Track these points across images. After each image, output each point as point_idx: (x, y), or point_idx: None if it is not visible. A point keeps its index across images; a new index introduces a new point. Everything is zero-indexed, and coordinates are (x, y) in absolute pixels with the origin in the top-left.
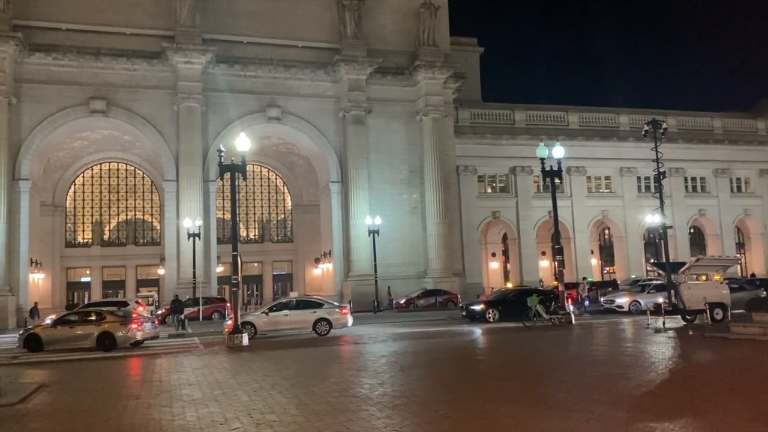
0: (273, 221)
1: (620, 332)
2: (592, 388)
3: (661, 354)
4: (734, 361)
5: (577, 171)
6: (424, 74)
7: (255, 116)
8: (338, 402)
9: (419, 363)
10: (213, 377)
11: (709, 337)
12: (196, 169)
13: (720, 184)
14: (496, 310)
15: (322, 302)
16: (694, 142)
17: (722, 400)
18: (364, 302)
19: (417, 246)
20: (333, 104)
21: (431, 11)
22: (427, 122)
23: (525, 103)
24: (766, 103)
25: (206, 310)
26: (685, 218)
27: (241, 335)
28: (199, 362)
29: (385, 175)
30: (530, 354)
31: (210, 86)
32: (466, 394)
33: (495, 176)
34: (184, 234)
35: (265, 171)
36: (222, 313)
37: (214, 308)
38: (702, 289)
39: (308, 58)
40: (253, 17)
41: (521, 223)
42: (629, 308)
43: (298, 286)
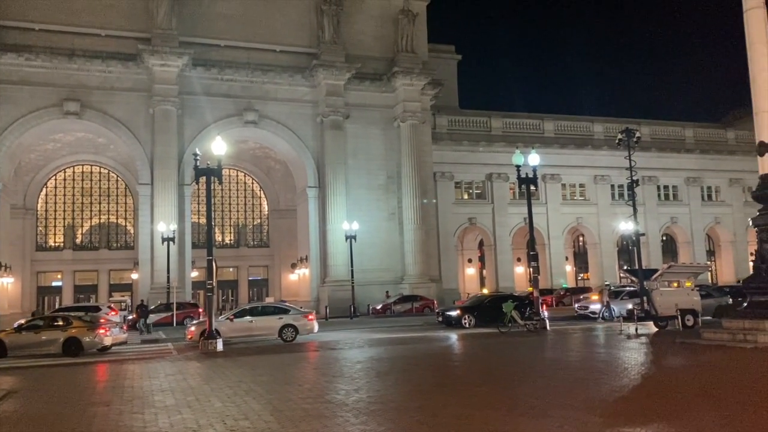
0: (249, 226)
1: (593, 338)
2: (566, 393)
3: (634, 360)
4: (705, 366)
5: (552, 178)
6: (402, 80)
7: (232, 120)
8: (313, 408)
9: (395, 369)
10: (186, 383)
11: (680, 343)
12: (172, 172)
13: (691, 192)
14: (471, 316)
15: (288, 308)
16: (666, 151)
17: (693, 405)
18: (341, 308)
19: (394, 252)
20: (311, 109)
21: (409, 18)
22: (405, 128)
23: (501, 111)
24: (736, 113)
25: (178, 316)
26: (657, 226)
27: (215, 341)
28: (173, 368)
29: (363, 181)
30: (505, 359)
31: (186, 89)
32: (442, 400)
33: (472, 183)
34: (158, 238)
35: (242, 175)
36: (194, 319)
37: (186, 314)
38: (674, 296)
39: (286, 62)
40: (231, 21)
41: (497, 230)
42: (602, 314)
43: (274, 291)
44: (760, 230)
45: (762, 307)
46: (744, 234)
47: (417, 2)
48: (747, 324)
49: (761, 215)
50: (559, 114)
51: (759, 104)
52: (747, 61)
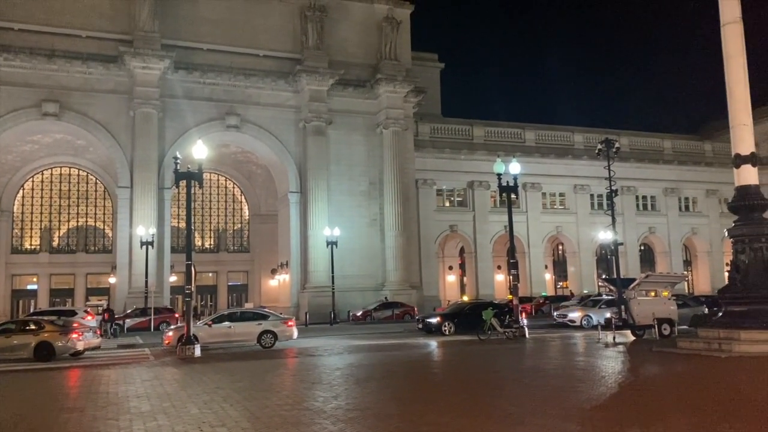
0: (229, 231)
1: (572, 346)
2: (544, 401)
3: (611, 368)
4: (681, 375)
5: (532, 187)
6: (386, 88)
7: (213, 124)
8: (291, 415)
9: (374, 376)
10: (163, 389)
11: (657, 351)
12: (151, 176)
13: (669, 203)
14: (451, 323)
15: (267, 314)
16: (645, 161)
17: (669, 413)
18: (321, 314)
19: (375, 258)
20: (293, 114)
21: (393, 26)
22: (388, 135)
23: (483, 119)
24: (714, 126)
25: (153, 321)
26: (635, 235)
27: (193, 346)
28: (149, 373)
29: (345, 187)
30: (484, 367)
31: (168, 92)
32: (420, 407)
33: (453, 190)
34: (137, 242)
35: (223, 180)
36: (169, 324)
37: (162, 319)
38: (651, 305)
39: (269, 67)
40: (214, 25)
41: (478, 237)
42: (581, 323)
43: (254, 296)
44: (735, 241)
45: (737, 316)
46: (720, 245)
47: (401, 10)
48: (722, 333)
49: (737, 226)
50: (540, 123)
51: (735, 117)
52: (724, 74)
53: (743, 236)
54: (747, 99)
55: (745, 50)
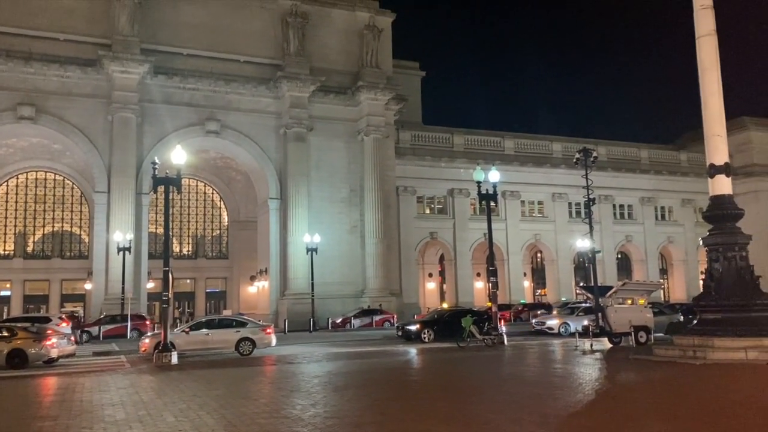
0: (208, 237)
1: (550, 353)
2: (522, 408)
3: (589, 375)
4: (656, 382)
5: (511, 195)
6: (367, 95)
7: (193, 129)
8: (268, 423)
9: (353, 383)
10: (138, 397)
11: (633, 359)
12: (129, 181)
13: (646, 211)
14: (431, 330)
15: (246, 321)
16: (622, 171)
17: (644, 420)
18: (300, 321)
19: (355, 265)
20: (274, 120)
21: (375, 33)
22: (369, 142)
23: (464, 128)
24: (689, 136)
25: (122, 328)
26: (613, 243)
27: (170, 354)
28: (124, 381)
29: (325, 194)
30: (463, 374)
31: (147, 97)
32: (399, 415)
33: (433, 198)
34: (113, 248)
35: (202, 185)
36: (141, 332)
37: (134, 326)
38: (628, 313)
39: (250, 73)
40: (195, 29)
41: (458, 245)
42: (559, 330)
43: (233, 303)
44: (709, 250)
45: (711, 324)
46: (695, 253)
47: (382, 18)
48: (697, 341)
49: (711, 235)
50: (519, 132)
51: (710, 128)
52: (699, 86)
53: (717, 245)
54: (721, 110)
55: (719, 63)
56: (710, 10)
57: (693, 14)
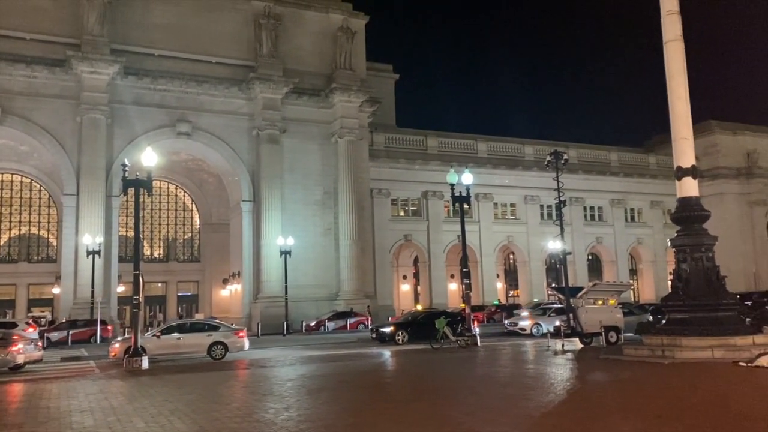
0: (179, 240)
1: (522, 354)
2: (495, 409)
3: (560, 375)
4: (626, 381)
5: (484, 197)
6: (341, 97)
7: (164, 131)
8: (240, 428)
9: (326, 386)
10: (108, 403)
11: (603, 359)
12: (99, 183)
13: (616, 213)
14: (405, 332)
15: (218, 325)
16: (592, 173)
17: (614, 419)
18: (274, 324)
19: (329, 268)
20: (247, 122)
21: (348, 35)
22: (343, 144)
23: (437, 130)
24: (658, 139)
25: (83, 333)
26: (583, 245)
27: (140, 358)
28: (94, 387)
29: (299, 196)
30: (436, 376)
31: (117, 98)
32: (373, 418)
33: (408, 200)
34: (83, 251)
35: (173, 188)
36: (103, 337)
37: (93, 331)
38: (598, 313)
39: (222, 74)
40: (166, 30)
41: (432, 247)
42: (531, 331)
43: (205, 307)
44: (677, 251)
45: (679, 324)
46: (663, 254)
47: (356, 20)
48: (665, 340)
49: (679, 236)
50: (492, 135)
51: (678, 131)
52: (667, 90)
53: (685, 246)
54: (688, 114)
55: (686, 67)
56: (677, 15)
57: (660, 20)
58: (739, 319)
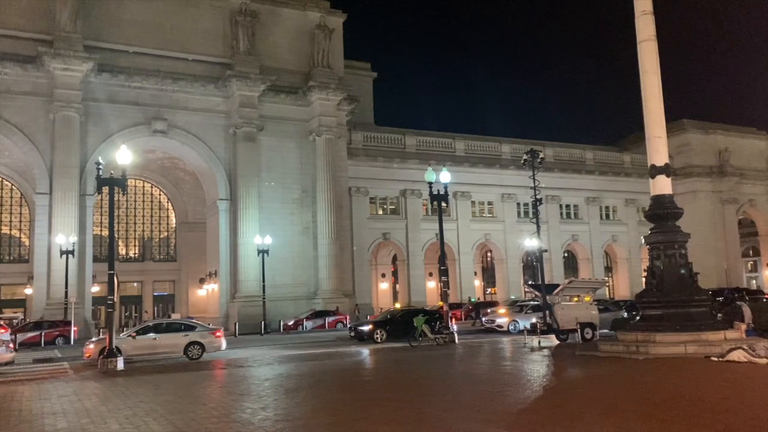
0: (155, 239)
1: (499, 351)
2: (472, 406)
3: (537, 372)
4: (601, 377)
5: (462, 196)
6: (318, 95)
7: (139, 129)
8: (217, 428)
9: (304, 385)
10: (81, 405)
11: (579, 355)
12: (72, 182)
13: (591, 211)
14: (383, 331)
15: (194, 325)
16: (568, 171)
17: (590, 414)
18: (252, 324)
19: (307, 266)
20: (223, 120)
21: (326, 33)
22: (321, 142)
23: (415, 129)
24: (632, 138)
25: (47, 336)
26: (559, 243)
27: (115, 359)
28: (67, 389)
29: (277, 194)
30: (415, 374)
31: (91, 95)
32: (351, 416)
33: (386, 198)
34: (56, 251)
35: (149, 186)
36: (67, 338)
37: (60, 332)
38: (574, 310)
39: (198, 71)
40: (141, 27)
41: (410, 245)
42: (508, 328)
43: (181, 307)
44: (651, 248)
45: (653, 320)
46: (638, 251)
47: (333, 18)
48: (640, 336)
49: (652, 234)
50: (469, 134)
51: (651, 130)
52: (641, 89)
53: (658, 243)
54: (661, 113)
55: (659, 67)
56: (650, 15)
57: (634, 20)
58: (711, 315)
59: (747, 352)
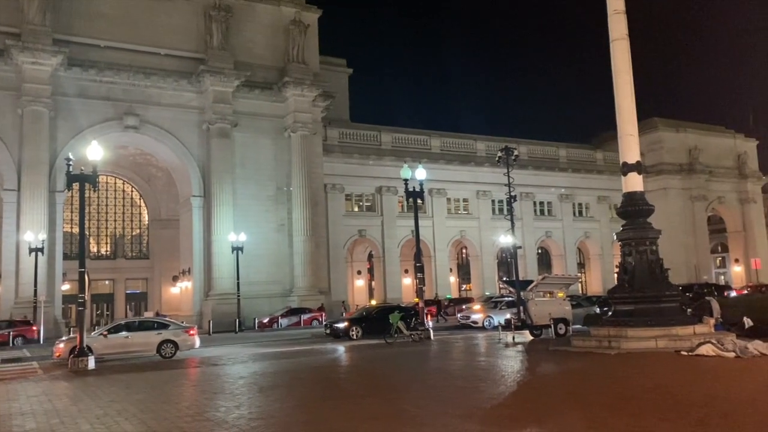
0: (127, 236)
1: (474, 347)
2: (447, 402)
3: (511, 367)
4: (574, 372)
5: (438, 193)
6: (293, 91)
7: (110, 124)
8: (190, 427)
9: (279, 383)
10: (51, 405)
11: (553, 350)
12: (42, 178)
13: (564, 208)
14: (359, 328)
15: (168, 323)
16: (542, 169)
17: (563, 409)
18: (226, 322)
19: (283, 264)
20: (197, 115)
21: (301, 29)
22: (296, 139)
23: (391, 126)
24: (604, 136)
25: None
26: (533, 239)
27: (86, 358)
28: (36, 389)
29: (252, 191)
30: (390, 370)
31: (61, 90)
32: (326, 414)
33: (362, 195)
34: (25, 249)
35: (120, 183)
36: (26, 338)
37: (18, 332)
38: (547, 306)
39: (171, 66)
40: (112, 21)
41: (386, 242)
42: (483, 324)
43: (154, 305)
44: (623, 244)
45: (624, 315)
46: (610, 248)
47: (308, 14)
48: (611, 332)
49: (624, 230)
50: (445, 131)
51: (623, 128)
52: (613, 87)
53: (630, 239)
54: (633, 111)
55: (631, 65)
56: (623, 15)
57: (607, 19)
58: (681, 310)
59: (715, 346)
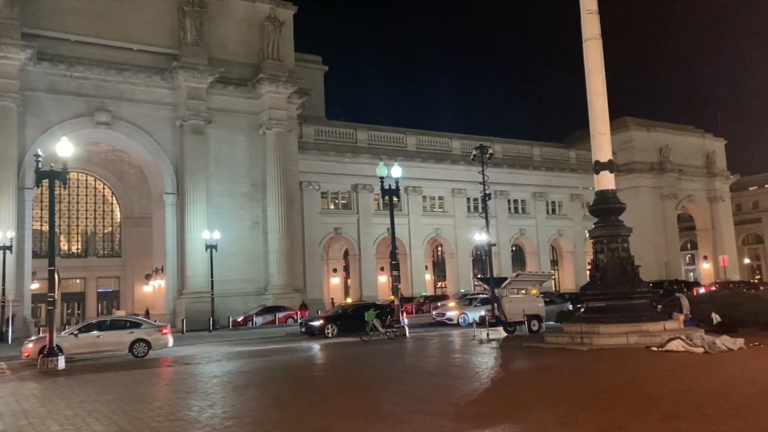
0: (99, 234)
1: (449, 344)
2: (422, 399)
3: (485, 364)
4: (547, 368)
5: (413, 190)
6: (268, 87)
7: (82, 120)
8: (163, 427)
9: (253, 382)
10: (19, 406)
11: (526, 346)
12: (10, 175)
13: (538, 206)
14: (334, 326)
15: (140, 322)
16: (516, 167)
17: (536, 405)
18: (200, 320)
19: (257, 262)
20: (170, 112)
21: (276, 25)
22: (271, 136)
23: (366, 123)
24: (577, 135)
25: None
26: (508, 237)
27: (56, 358)
28: (4, 390)
29: (226, 189)
30: (365, 368)
31: (29, 85)
32: (300, 412)
33: (338, 193)
34: None
35: (92, 180)
36: None
37: None
38: (521, 303)
39: (144, 62)
40: (83, 15)
41: (362, 240)
42: (458, 321)
43: (126, 304)
44: (595, 242)
45: (597, 312)
46: (582, 245)
47: (283, 10)
48: (584, 328)
49: (596, 228)
50: (420, 129)
51: (595, 127)
52: (585, 86)
53: (602, 237)
54: (605, 110)
55: (603, 65)
56: (595, 15)
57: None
58: (651, 307)
59: (685, 341)
